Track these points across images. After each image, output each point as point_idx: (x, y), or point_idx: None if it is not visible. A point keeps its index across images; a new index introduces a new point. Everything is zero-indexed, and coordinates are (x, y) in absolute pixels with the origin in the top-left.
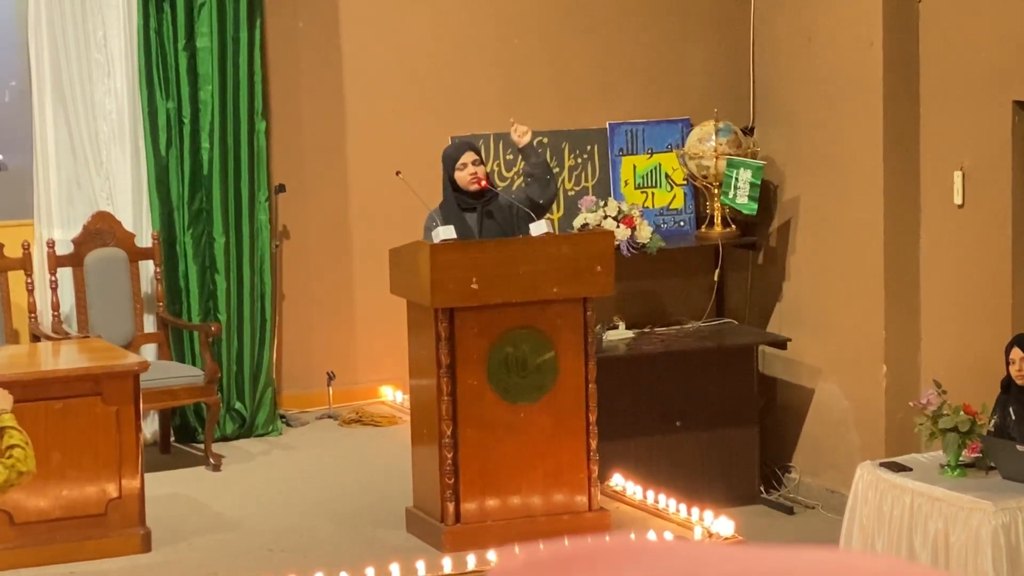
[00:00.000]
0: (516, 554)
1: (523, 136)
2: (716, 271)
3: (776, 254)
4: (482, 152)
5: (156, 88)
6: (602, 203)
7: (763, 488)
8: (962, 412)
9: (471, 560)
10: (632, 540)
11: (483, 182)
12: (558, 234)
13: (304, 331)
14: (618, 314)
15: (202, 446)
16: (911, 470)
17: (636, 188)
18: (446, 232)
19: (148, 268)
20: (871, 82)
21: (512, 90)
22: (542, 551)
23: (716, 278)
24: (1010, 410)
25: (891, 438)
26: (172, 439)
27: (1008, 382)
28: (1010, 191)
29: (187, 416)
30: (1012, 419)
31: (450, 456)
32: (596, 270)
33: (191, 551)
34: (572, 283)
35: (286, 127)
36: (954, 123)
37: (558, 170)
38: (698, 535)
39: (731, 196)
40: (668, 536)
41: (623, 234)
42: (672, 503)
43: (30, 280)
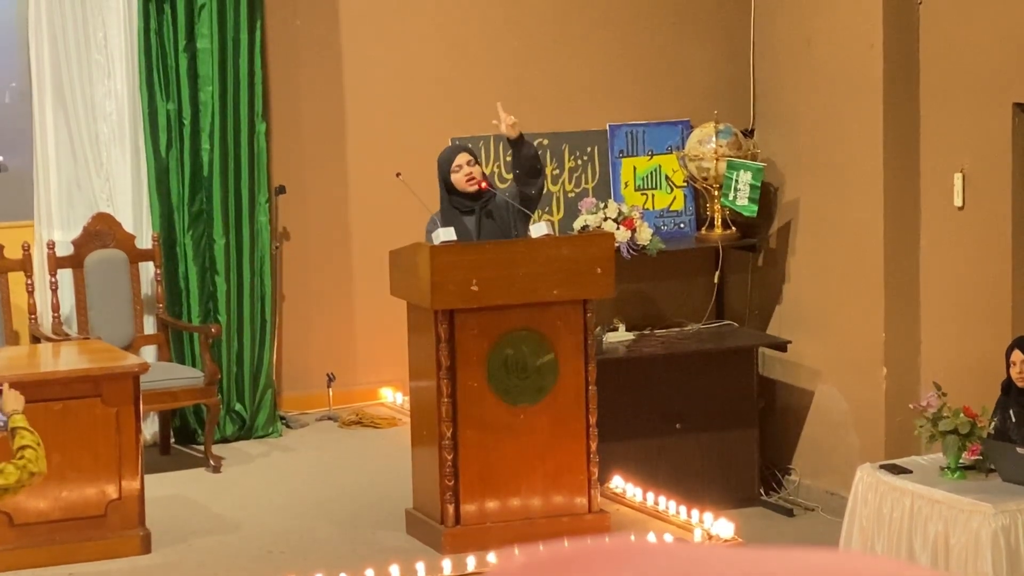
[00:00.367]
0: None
1: (513, 128)
2: (716, 273)
3: (776, 256)
4: (479, 154)
5: (156, 89)
6: (602, 205)
7: (763, 490)
8: (962, 414)
9: (471, 562)
10: (631, 541)
11: (483, 183)
12: (558, 236)
13: (304, 332)
14: (618, 316)
15: (202, 447)
16: (911, 472)
17: (636, 190)
18: (446, 234)
19: (148, 269)
20: (871, 84)
21: (512, 91)
22: (541, 552)
23: (716, 280)
24: (1010, 412)
25: (891, 440)
26: (172, 440)
27: (1008, 384)
28: (1010, 193)
29: (187, 418)
30: (1012, 421)
31: (450, 458)
32: (596, 272)
33: (191, 552)
34: (572, 285)
35: (286, 128)
36: (954, 125)
37: (558, 171)
38: (698, 537)
39: (731, 198)
40: (668, 538)
41: (623, 236)
42: (672, 505)
43: (30, 281)
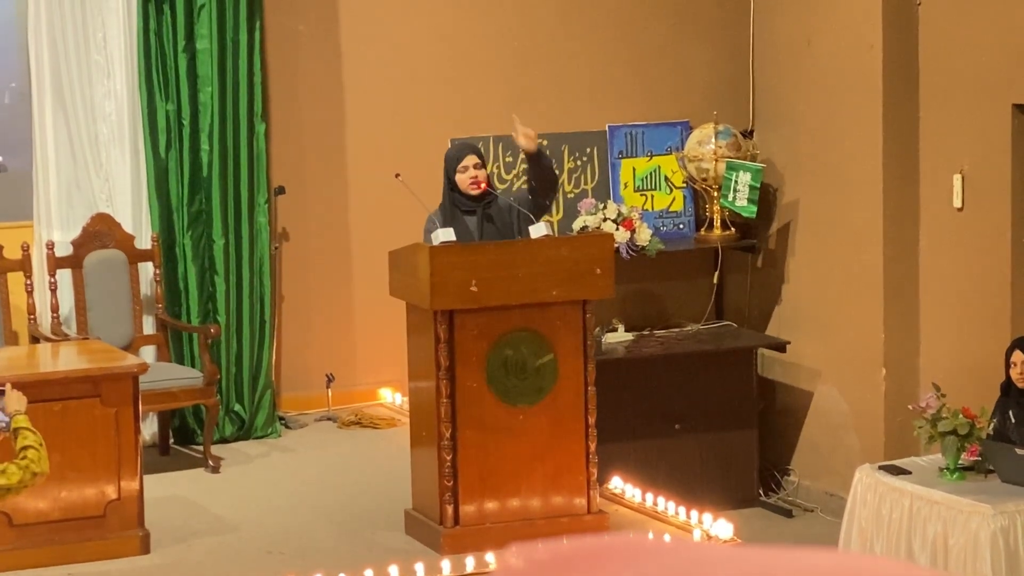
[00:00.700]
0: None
1: (531, 142)
2: (715, 274)
3: (775, 257)
4: (484, 155)
5: (156, 90)
6: (601, 206)
7: (762, 491)
8: (961, 415)
9: (470, 562)
10: (633, 540)
11: (483, 185)
12: (557, 236)
13: (303, 333)
14: (617, 316)
15: (201, 448)
16: (910, 473)
17: (635, 191)
18: (445, 234)
19: (147, 270)
20: (871, 85)
21: (512, 92)
22: (543, 550)
23: (715, 281)
24: (1009, 413)
25: (890, 441)
26: (171, 441)
27: (1007, 385)
28: (1010, 194)
29: (186, 418)
30: (1011, 422)
31: (449, 458)
32: (595, 272)
33: (190, 553)
34: (571, 285)
35: (286, 129)
36: (954, 126)
37: (558, 172)
38: (697, 538)
39: (730, 199)
40: (667, 538)
41: (622, 237)
42: (671, 506)
43: (29, 282)
